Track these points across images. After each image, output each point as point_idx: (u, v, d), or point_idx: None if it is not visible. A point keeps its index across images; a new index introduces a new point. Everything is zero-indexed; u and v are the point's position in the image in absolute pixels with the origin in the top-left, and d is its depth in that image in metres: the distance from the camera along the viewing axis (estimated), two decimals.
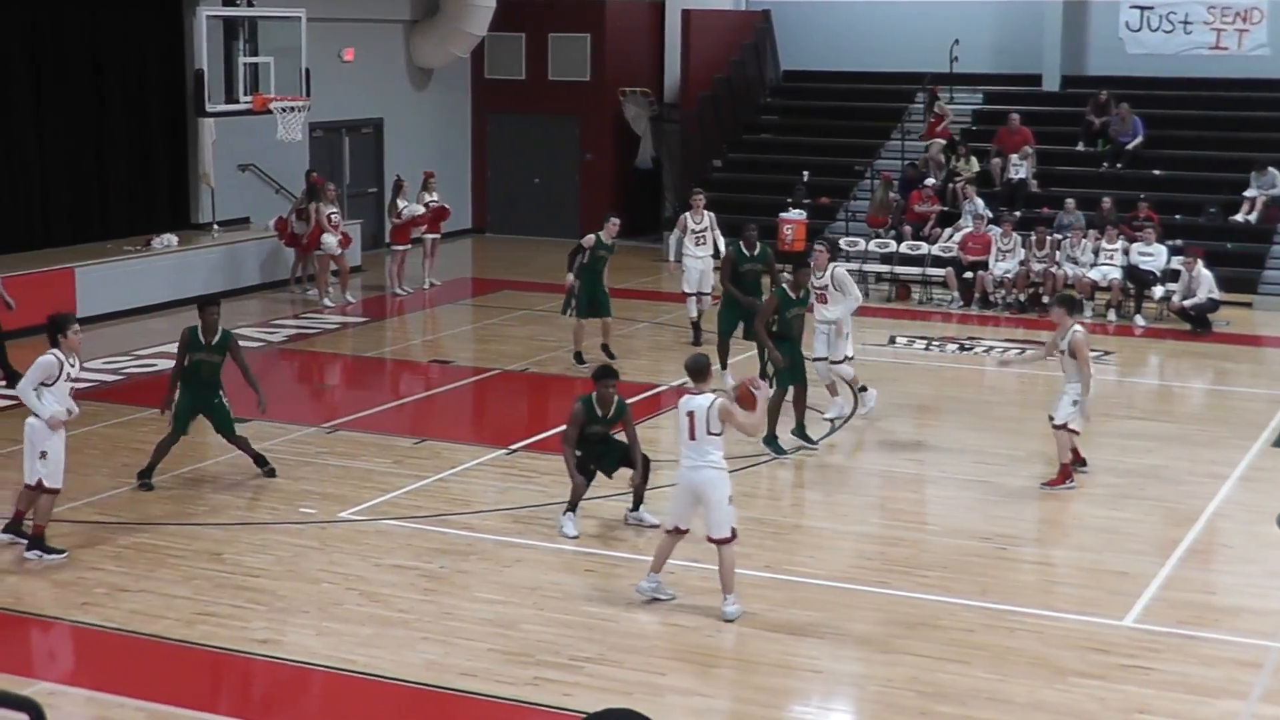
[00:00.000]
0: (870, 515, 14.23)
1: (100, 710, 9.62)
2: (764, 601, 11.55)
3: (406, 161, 28.10)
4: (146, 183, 24.97)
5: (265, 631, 10.95)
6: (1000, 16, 30.52)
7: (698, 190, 21.81)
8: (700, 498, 11.23)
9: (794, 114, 31.58)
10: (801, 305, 15.97)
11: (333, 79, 27.08)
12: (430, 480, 14.67)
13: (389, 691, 10.02)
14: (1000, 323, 23.20)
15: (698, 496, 11.24)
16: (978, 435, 16.74)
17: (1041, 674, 10.38)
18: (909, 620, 11.32)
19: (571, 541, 12.86)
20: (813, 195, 27.52)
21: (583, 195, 31.46)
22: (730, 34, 31.47)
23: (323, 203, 24.00)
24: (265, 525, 13.29)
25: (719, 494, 11.19)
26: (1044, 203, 26.39)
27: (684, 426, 11.27)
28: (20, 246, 22.56)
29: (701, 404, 11.25)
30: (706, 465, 11.18)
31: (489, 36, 30.39)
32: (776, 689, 10.20)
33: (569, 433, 12.84)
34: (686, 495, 11.32)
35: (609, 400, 12.82)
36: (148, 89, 24.79)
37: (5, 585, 11.82)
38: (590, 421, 12.83)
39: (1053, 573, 12.71)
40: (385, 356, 21.64)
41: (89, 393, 17.92)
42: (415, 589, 11.78)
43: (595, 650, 10.66)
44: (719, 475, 11.21)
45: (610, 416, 12.90)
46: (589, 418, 12.81)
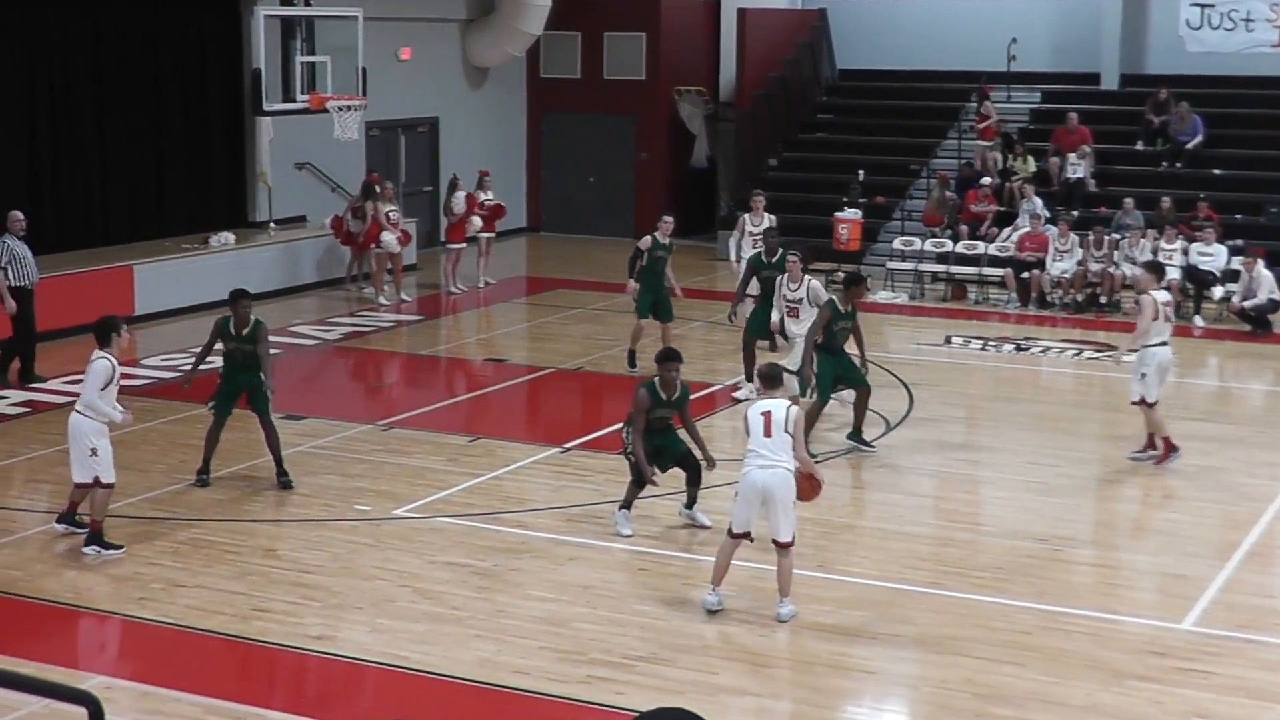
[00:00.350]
0: (924, 516, 14.17)
1: (156, 705, 9.68)
2: (818, 602, 11.52)
3: (462, 160, 28.18)
4: (204, 181, 25.13)
5: (319, 628, 11.00)
6: (1058, 15, 30.32)
7: (758, 192, 21.66)
8: (769, 498, 11.01)
9: (850, 113, 31.46)
10: (850, 319, 15.83)
11: (389, 78, 27.17)
12: (484, 478, 14.70)
13: (442, 688, 10.05)
14: (1057, 323, 23.05)
15: (766, 497, 11.02)
16: (1034, 436, 16.65)
17: (1098, 677, 10.31)
18: (964, 621, 11.26)
19: (624, 540, 12.86)
20: (868, 194, 27.42)
21: (637, 194, 31.47)
22: (786, 32, 31.40)
23: (381, 201, 24.12)
24: (320, 522, 13.36)
25: (790, 495, 11.08)
26: (1102, 202, 26.20)
27: (758, 425, 11.09)
28: (79, 244, 22.75)
29: (779, 405, 11.19)
30: (779, 465, 11.02)
31: (545, 35, 30.45)
32: (830, 689, 10.18)
33: (637, 421, 12.72)
34: (755, 496, 11.05)
35: (672, 384, 12.79)
36: (206, 88, 24.95)
37: (63, 580, 11.92)
38: (655, 405, 12.76)
39: (1110, 575, 12.62)
40: (440, 354, 21.72)
41: (145, 390, 18.08)
42: (469, 587, 11.81)
43: (648, 649, 10.66)
44: (790, 477, 11.08)
45: (675, 399, 12.87)
46: (654, 401, 12.75)
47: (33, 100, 22.23)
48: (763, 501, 11.05)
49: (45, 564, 12.24)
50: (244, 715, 9.57)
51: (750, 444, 11.13)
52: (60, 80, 22.62)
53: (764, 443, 11.05)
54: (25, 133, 22.17)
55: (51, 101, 22.52)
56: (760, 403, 11.32)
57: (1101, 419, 17.63)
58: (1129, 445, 16.11)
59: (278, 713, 9.72)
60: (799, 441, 11.23)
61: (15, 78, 21.93)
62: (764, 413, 11.15)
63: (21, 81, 22.03)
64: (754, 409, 11.29)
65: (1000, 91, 29.45)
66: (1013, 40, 29.04)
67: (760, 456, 11.03)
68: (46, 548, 12.61)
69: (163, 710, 9.60)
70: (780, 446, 11.03)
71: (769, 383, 11.50)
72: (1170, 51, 29.34)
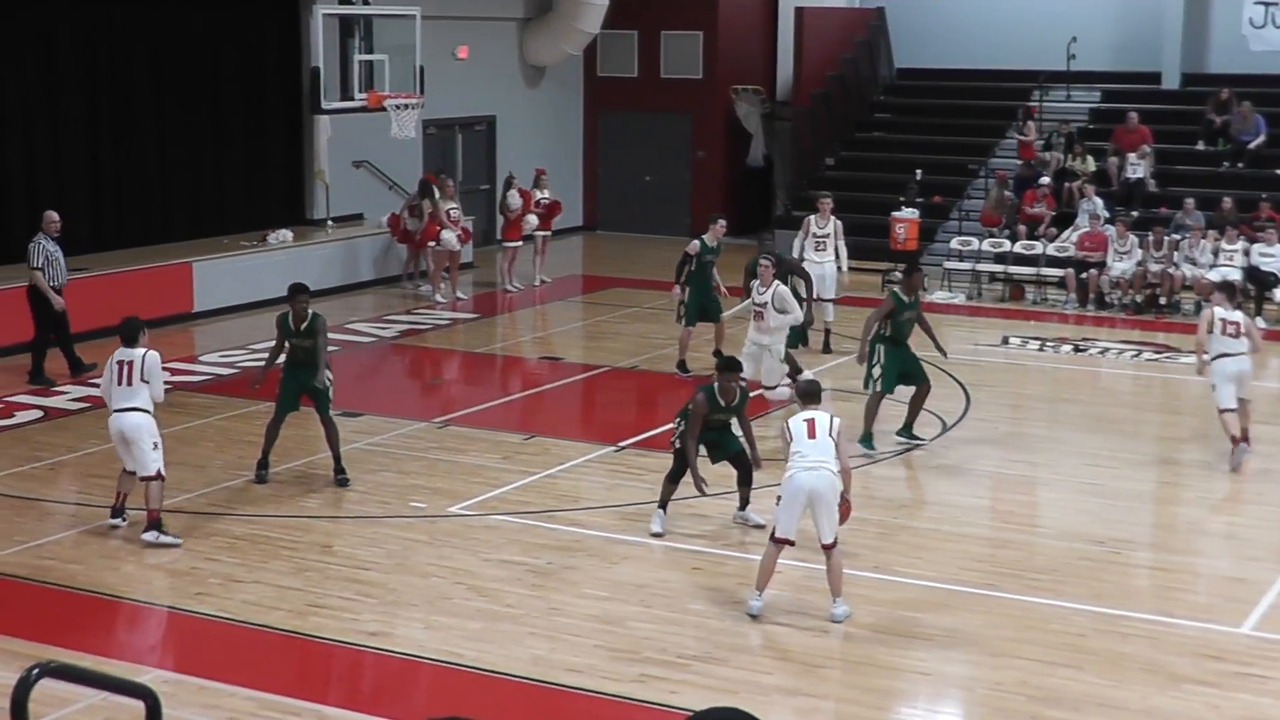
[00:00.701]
0: (980, 517, 14.12)
1: (213, 699, 9.76)
2: (872, 603, 11.49)
3: (518, 159, 28.24)
4: (262, 179, 25.29)
5: (375, 624, 11.06)
6: (1119, 13, 30.13)
7: (825, 195, 21.38)
8: (815, 499, 11.00)
9: (907, 112, 31.37)
10: (913, 309, 15.87)
11: (446, 77, 27.28)
12: (539, 476, 14.74)
13: (496, 685, 10.08)
14: (1116, 324, 22.90)
15: (813, 498, 11.00)
16: (1091, 437, 16.54)
17: (1155, 680, 10.25)
18: (1019, 624, 11.21)
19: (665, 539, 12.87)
20: (925, 194, 27.31)
21: (694, 193, 31.46)
22: (843, 31, 31.34)
23: (443, 199, 24.23)
24: (376, 519, 13.43)
25: (835, 497, 11.07)
26: (1162, 202, 26.01)
27: (802, 430, 11.13)
28: (139, 241, 22.93)
29: (823, 414, 11.28)
30: (824, 467, 11.01)
31: (602, 34, 30.49)
32: (883, 690, 10.16)
33: (692, 427, 12.71)
34: (801, 498, 11.03)
35: (732, 392, 12.80)
36: (265, 87, 25.10)
37: (122, 574, 12.03)
38: (714, 411, 12.79)
39: (1168, 578, 12.52)
40: (495, 352, 21.79)
41: (203, 386, 18.23)
42: (523, 584, 11.84)
43: (701, 648, 10.66)
44: (836, 479, 11.07)
45: (734, 405, 12.88)
46: (712, 407, 12.77)
47: (94, 99, 22.44)
48: (808, 503, 11.04)
49: (104, 558, 12.36)
50: (300, 710, 9.64)
51: (794, 447, 11.11)
52: (121, 78, 22.81)
53: (809, 445, 11.07)
54: (87, 130, 22.37)
55: (112, 100, 22.72)
56: (802, 413, 11.36)
57: (1160, 421, 17.51)
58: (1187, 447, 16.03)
59: (333, 708, 9.78)
60: (844, 451, 11.25)
61: (77, 76, 22.14)
62: (807, 420, 11.20)
63: (83, 80, 22.24)
64: (795, 418, 11.31)
65: (1060, 91, 29.31)
66: (1072, 39, 28.89)
67: (805, 458, 11.03)
68: (105, 542, 12.73)
69: (219, 705, 9.67)
70: (825, 450, 11.04)
71: (809, 398, 11.56)
72: (1233, 50, 29.06)
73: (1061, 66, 29.05)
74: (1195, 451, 16.13)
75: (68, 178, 22.11)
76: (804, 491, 10.98)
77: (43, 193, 21.67)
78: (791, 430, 11.21)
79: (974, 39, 31.05)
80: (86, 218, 22.48)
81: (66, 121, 22.06)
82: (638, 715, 9.70)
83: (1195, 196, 25.05)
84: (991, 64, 30.68)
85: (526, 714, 9.90)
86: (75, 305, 18.96)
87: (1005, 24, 30.86)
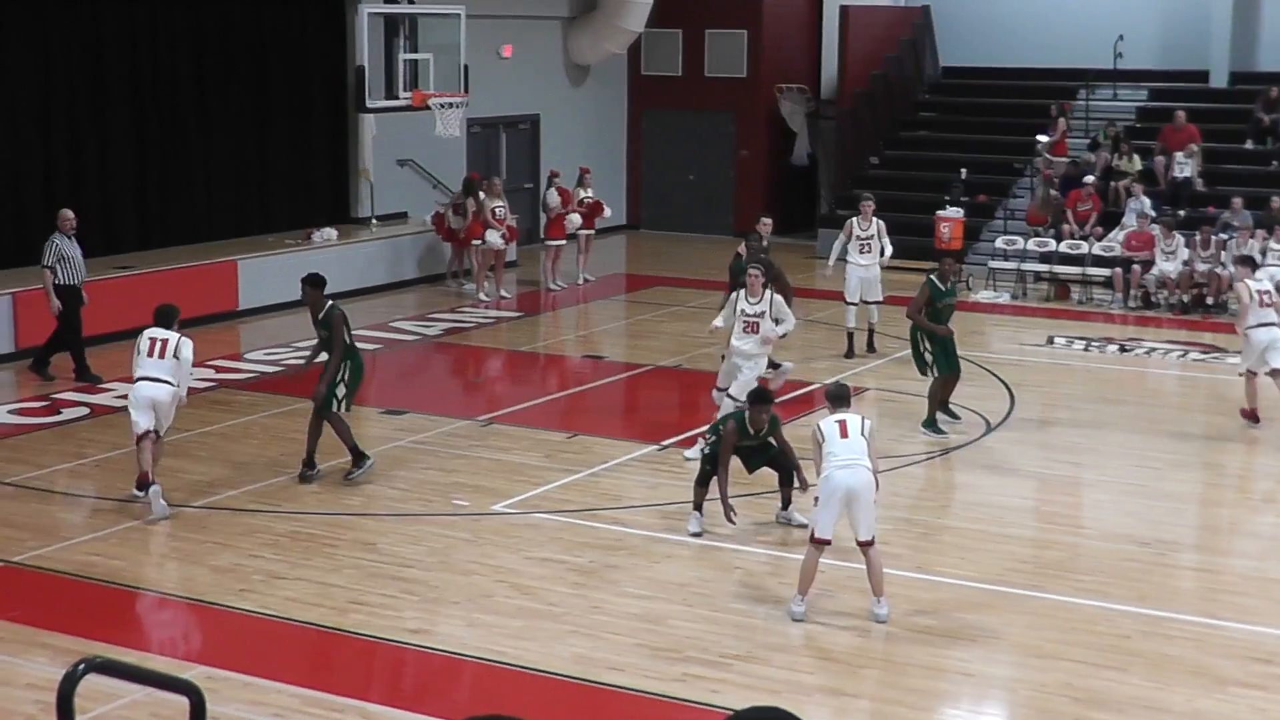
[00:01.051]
0: (1025, 518, 14.06)
1: (256, 695, 9.80)
2: (914, 603, 11.46)
3: (562, 158, 28.29)
4: (307, 177, 25.38)
5: (417, 621, 11.09)
6: (1167, 11, 29.94)
7: (867, 196, 21.17)
8: (852, 497, 11.01)
9: (952, 110, 31.25)
10: (951, 295, 16.25)
11: (491, 75, 27.33)
12: (581, 475, 14.75)
13: (538, 683, 10.09)
14: (1162, 324, 22.76)
15: (850, 496, 11.01)
16: (1137, 438, 16.44)
17: (1200, 683, 10.18)
18: (1063, 625, 11.15)
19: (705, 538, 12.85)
20: (970, 193, 27.22)
21: (737, 192, 31.45)
22: (888, 29, 31.25)
23: (489, 197, 24.29)
24: (418, 516, 13.46)
25: (871, 493, 11.08)
26: (1210, 202, 25.84)
27: (834, 431, 11.18)
28: (184, 240, 23.05)
29: (854, 416, 11.37)
30: (858, 464, 11.05)
31: (646, 33, 30.51)
32: (926, 691, 10.12)
33: (723, 454, 12.76)
34: (839, 497, 11.04)
35: (761, 424, 12.82)
36: (310, 85, 25.20)
37: (166, 571, 12.11)
38: (743, 439, 12.84)
39: (1213, 580, 12.43)
40: (538, 351, 21.80)
41: (248, 384, 18.31)
42: (565, 583, 11.85)
43: (743, 648, 10.65)
44: (871, 476, 11.10)
45: (763, 434, 12.91)
46: (742, 435, 12.83)
47: (139, 98, 22.56)
48: (846, 501, 11.04)
49: (148, 555, 12.44)
50: (342, 707, 9.67)
51: (828, 448, 11.13)
52: (166, 78, 22.94)
53: (841, 444, 11.10)
54: (132, 129, 22.49)
55: (158, 99, 22.84)
56: (833, 415, 11.41)
57: (1206, 422, 17.38)
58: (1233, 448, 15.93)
59: (375, 705, 9.80)
60: (875, 452, 11.31)
61: (122, 76, 22.27)
62: (839, 421, 11.26)
63: (128, 80, 22.37)
64: (827, 420, 11.35)
65: (1106, 89, 29.15)
66: (1119, 37, 28.69)
67: (838, 458, 11.05)
68: (149, 538, 12.81)
69: (263, 701, 9.71)
70: (858, 449, 11.08)
71: (838, 402, 11.61)
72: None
73: (1108, 65, 28.87)
74: (1241, 453, 16.03)
75: (113, 176, 22.25)
76: (841, 489, 10.99)
77: (89, 191, 21.84)
78: (824, 431, 11.24)
79: (1020, 37, 30.91)
80: (132, 216, 22.64)
81: (112, 120, 22.18)
82: (679, 714, 9.70)
83: (1243, 196, 24.87)
84: (1038, 62, 30.53)
85: (568, 712, 9.91)
86: (121, 303, 19.09)
87: (1051, 22, 30.71)
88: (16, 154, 20.99)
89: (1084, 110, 28.91)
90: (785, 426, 13.31)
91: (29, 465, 14.84)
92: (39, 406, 17.16)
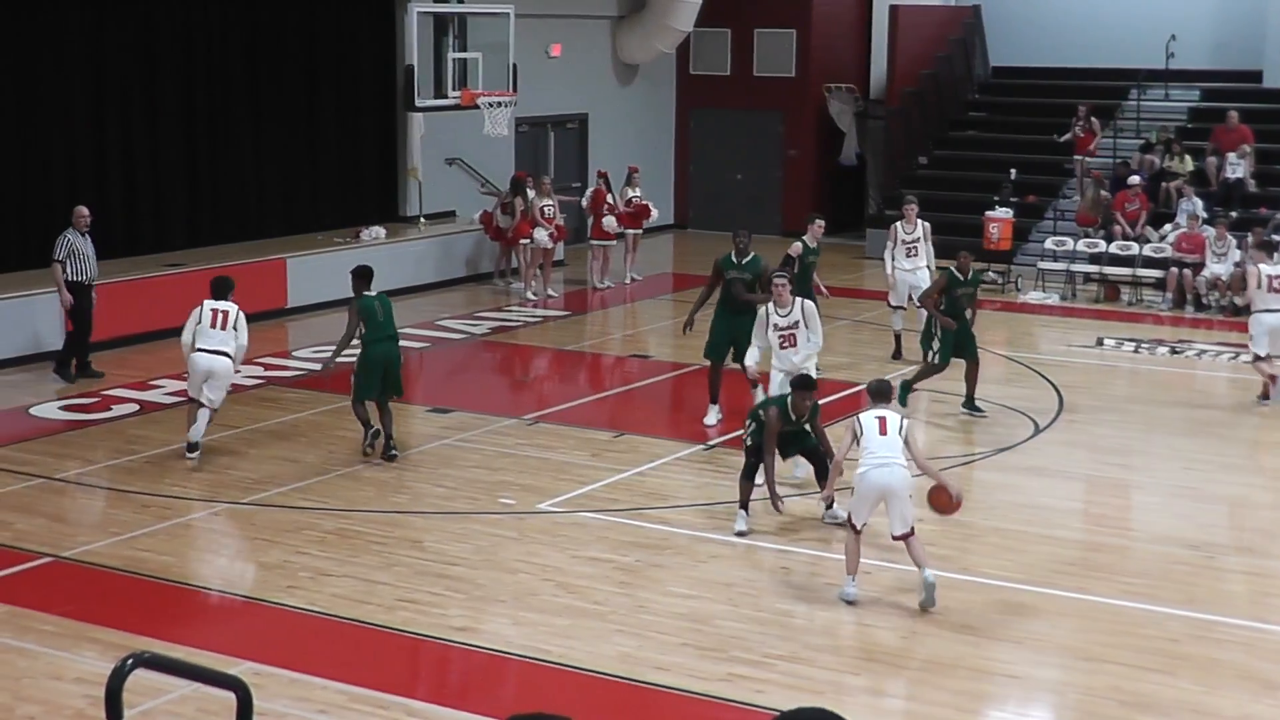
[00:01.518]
0: (1072, 520, 13.99)
1: (303, 691, 9.84)
2: (960, 604, 11.42)
3: (611, 157, 28.33)
4: (356, 176, 25.50)
5: (463, 619, 11.12)
6: (1219, 10, 29.74)
7: (910, 197, 20.82)
8: (888, 495, 11.28)
9: (1002, 110, 31.11)
10: (971, 285, 16.82)
11: (539, 74, 27.38)
12: (627, 474, 14.76)
13: (583, 682, 10.10)
14: (1213, 325, 22.60)
15: (886, 494, 11.28)
16: (1187, 440, 16.34)
17: (1250, 688, 10.11)
18: (1111, 627, 11.10)
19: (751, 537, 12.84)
20: (1020, 194, 27.11)
21: (785, 191, 31.41)
22: (938, 29, 31.15)
23: (538, 196, 24.35)
24: (465, 515, 13.50)
25: (906, 490, 11.33)
26: (1262, 203, 25.64)
27: (873, 428, 11.42)
28: (235, 237, 23.20)
29: (893, 414, 11.60)
30: (894, 463, 11.29)
31: (695, 32, 30.51)
32: (971, 693, 10.08)
33: (768, 442, 12.75)
34: (874, 494, 11.34)
35: (804, 410, 12.82)
36: (359, 84, 25.31)
37: (214, 567, 12.18)
38: (785, 425, 12.82)
39: (1264, 584, 12.33)
40: (585, 350, 21.81)
41: (296, 381, 18.40)
42: (610, 581, 11.86)
43: (788, 648, 10.64)
44: (906, 473, 11.35)
45: (803, 420, 12.90)
46: (785, 422, 12.80)
47: (191, 97, 22.71)
48: (880, 498, 11.36)
49: (197, 551, 12.53)
50: (387, 704, 9.70)
51: (865, 444, 11.42)
52: (218, 77, 23.08)
53: (880, 442, 11.37)
54: (184, 128, 22.64)
55: (210, 97, 22.99)
56: (873, 410, 11.64)
57: (1256, 424, 17.27)
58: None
59: (420, 702, 9.83)
60: (918, 451, 11.59)
61: (175, 74, 22.42)
62: (879, 417, 11.53)
63: (181, 79, 22.52)
64: (867, 414, 11.61)
65: (1158, 89, 28.99)
66: (1171, 37, 28.53)
67: (875, 456, 11.33)
68: (198, 535, 12.89)
69: (309, 697, 9.76)
70: (895, 447, 11.36)
71: (879, 397, 11.84)
72: None
73: (1160, 65, 28.70)
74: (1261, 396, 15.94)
75: (164, 175, 22.41)
76: (877, 488, 11.29)
77: (142, 190, 22.04)
78: (863, 426, 11.50)
79: (1071, 37, 30.77)
80: (183, 214, 22.80)
81: (165, 119, 22.34)
82: (725, 714, 9.69)
83: None
84: (1088, 62, 30.38)
85: (613, 711, 9.91)
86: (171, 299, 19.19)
87: (1103, 21, 30.55)
88: (72, 152, 21.18)
89: (1135, 110, 28.74)
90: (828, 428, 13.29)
91: (80, 461, 14.97)
92: (89, 403, 17.29)
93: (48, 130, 20.84)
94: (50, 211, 19.99)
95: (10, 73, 20.34)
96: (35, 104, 20.68)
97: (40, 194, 20.63)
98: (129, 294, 20.00)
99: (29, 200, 20.57)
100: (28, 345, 18.93)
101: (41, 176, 20.80)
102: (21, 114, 20.53)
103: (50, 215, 19.79)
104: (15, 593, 11.51)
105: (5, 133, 20.34)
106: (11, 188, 20.34)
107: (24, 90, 20.55)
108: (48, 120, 20.83)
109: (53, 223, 18.94)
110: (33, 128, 20.68)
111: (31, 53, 20.55)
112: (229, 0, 23.09)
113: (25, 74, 20.52)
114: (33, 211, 20.48)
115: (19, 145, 20.54)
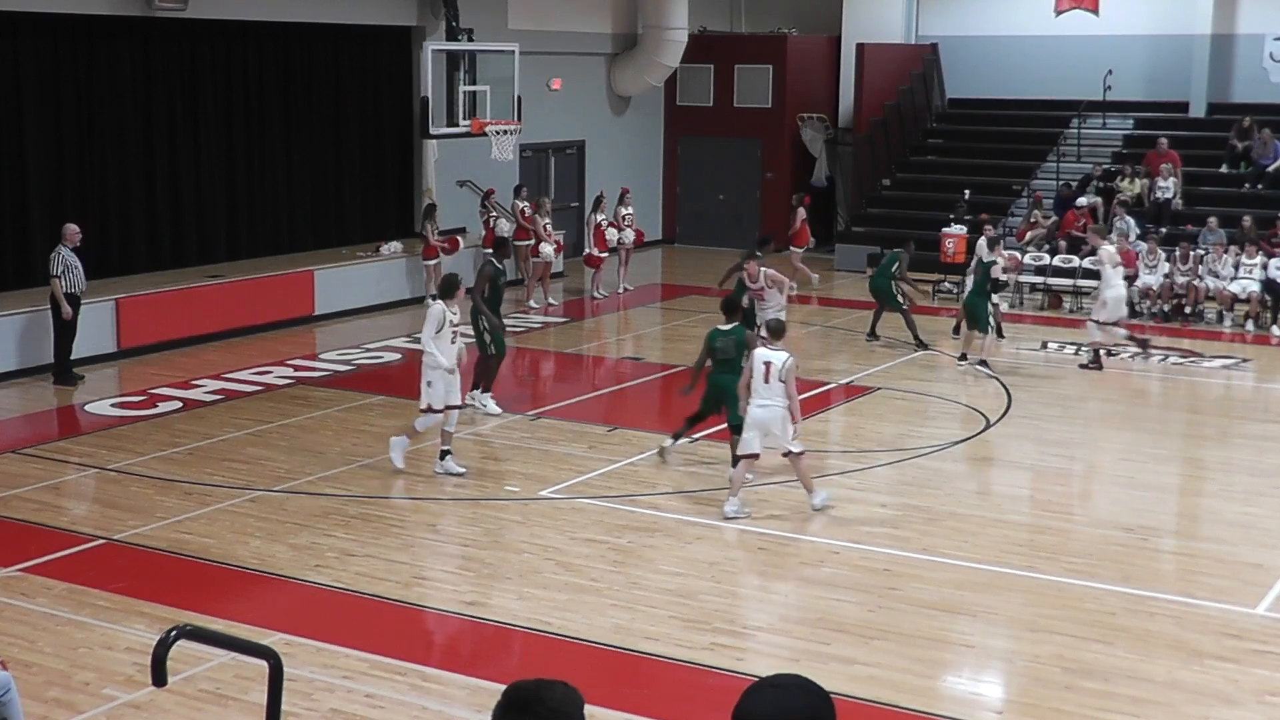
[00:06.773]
0: (1021, 505, 13.98)
1: (329, 659, 9.81)
2: (921, 581, 11.41)
3: (605, 179, 28.30)
4: (377, 195, 25.47)
5: (473, 595, 11.10)
6: (1151, 48, 29.74)
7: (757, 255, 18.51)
8: (768, 430, 12.58)
9: (958, 138, 31.11)
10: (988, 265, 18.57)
11: (541, 105, 27.36)
12: (621, 464, 14.73)
13: (581, 651, 10.08)
14: (1145, 330, 22.55)
15: (766, 430, 12.58)
16: (1123, 434, 16.34)
17: (1179, 655, 10.10)
18: (1055, 602, 11.09)
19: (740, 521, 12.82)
20: (973, 212, 27.09)
21: (763, 210, 31.37)
22: (900, 65, 31.13)
23: (540, 215, 24.32)
24: (475, 501, 13.47)
25: (780, 428, 12.57)
26: (1188, 220, 25.65)
27: (760, 372, 12.58)
28: (268, 251, 23.18)
29: (778, 358, 12.61)
30: (774, 404, 12.53)
31: (681, 68, 30.48)
32: (932, 661, 10.07)
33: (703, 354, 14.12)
34: (760, 428, 12.59)
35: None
36: (380, 114, 25.29)
37: (250, 548, 12.14)
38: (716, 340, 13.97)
39: (1191, 563, 12.33)
40: (583, 353, 21.80)
41: (323, 381, 18.36)
42: (605, 560, 11.84)
43: (766, 620, 10.63)
44: (783, 412, 12.55)
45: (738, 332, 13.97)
46: None
47: (231, 124, 22.67)
48: (765, 433, 12.62)
49: (234, 533, 12.48)
50: (405, 670, 9.67)
51: (754, 385, 12.63)
52: (255, 106, 23.05)
53: (764, 387, 12.59)
54: (224, 152, 22.61)
55: (247, 127, 22.95)
56: (764, 352, 12.73)
57: (1185, 419, 17.28)
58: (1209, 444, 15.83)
59: (434, 669, 9.80)
60: (792, 392, 12.64)
61: (216, 105, 22.38)
62: (766, 362, 12.62)
63: (221, 108, 22.48)
64: (758, 357, 12.71)
65: (1096, 118, 29.00)
66: (1109, 71, 28.60)
67: (759, 398, 12.62)
68: (235, 519, 12.86)
69: (335, 664, 9.73)
70: (776, 391, 12.54)
71: (775, 335, 12.97)
72: (1254, 83, 28.71)
73: (1098, 96, 28.75)
74: (1216, 448, 15.92)
75: (207, 196, 22.36)
76: (760, 424, 12.62)
77: (185, 207, 21.97)
78: (754, 369, 12.66)
79: (1019, 72, 30.76)
80: (223, 230, 22.74)
81: (206, 145, 22.30)
82: (708, 680, 9.66)
83: (1218, 215, 24.73)
84: (1035, 94, 30.38)
85: (608, 677, 9.88)
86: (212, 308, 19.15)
87: (1048, 58, 30.54)
88: (123, 174, 21.12)
89: (1076, 137, 28.78)
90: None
91: (130, 453, 14.92)
92: (138, 400, 17.25)
93: (102, 156, 20.78)
94: (102, 233, 19.87)
95: (72, 106, 20.28)
96: (91, 134, 20.62)
97: (97, 214, 20.51)
98: (174, 302, 19.95)
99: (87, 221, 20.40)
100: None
101: (99, 198, 20.72)
102: (80, 141, 20.48)
103: (102, 236, 19.66)
104: (72, 571, 11.48)
105: (68, 159, 20.28)
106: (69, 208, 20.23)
107: (83, 122, 20.49)
108: (102, 147, 20.77)
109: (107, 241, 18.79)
110: (90, 153, 20.63)
111: (89, 90, 20.50)
112: (265, 40, 23.05)
113: (86, 107, 20.48)
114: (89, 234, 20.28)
115: (77, 169, 20.47)
